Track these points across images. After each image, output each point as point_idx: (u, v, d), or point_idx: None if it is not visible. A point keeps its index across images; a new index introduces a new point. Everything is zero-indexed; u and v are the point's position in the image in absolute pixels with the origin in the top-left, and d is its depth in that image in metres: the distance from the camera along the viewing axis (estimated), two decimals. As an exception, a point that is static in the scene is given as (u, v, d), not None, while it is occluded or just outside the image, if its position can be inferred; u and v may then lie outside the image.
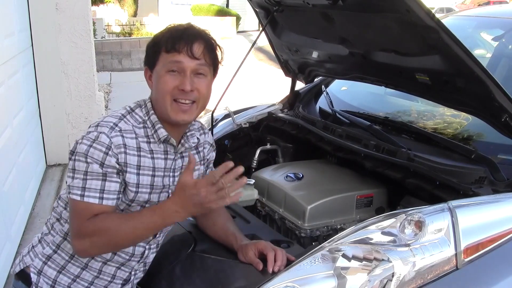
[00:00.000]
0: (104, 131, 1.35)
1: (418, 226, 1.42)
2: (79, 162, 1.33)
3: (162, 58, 1.41)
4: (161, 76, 1.41)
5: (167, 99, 1.41)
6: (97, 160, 1.33)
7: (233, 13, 17.66)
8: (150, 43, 1.46)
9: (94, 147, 1.33)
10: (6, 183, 2.95)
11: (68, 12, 4.25)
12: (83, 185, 1.32)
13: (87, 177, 1.33)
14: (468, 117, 2.08)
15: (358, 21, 1.87)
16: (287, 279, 1.40)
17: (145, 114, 1.44)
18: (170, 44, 1.39)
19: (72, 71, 4.39)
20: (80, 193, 1.32)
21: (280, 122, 2.52)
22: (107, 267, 1.48)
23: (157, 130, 1.43)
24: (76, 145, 1.35)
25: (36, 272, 1.46)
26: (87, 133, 1.36)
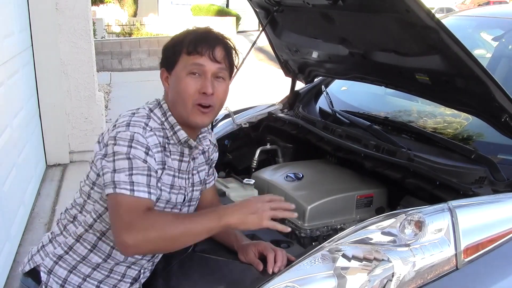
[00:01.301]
0: (139, 132, 1.33)
1: (418, 226, 1.43)
2: (121, 161, 1.29)
3: (183, 60, 1.40)
4: (182, 79, 1.40)
5: (189, 102, 1.40)
6: (139, 158, 1.31)
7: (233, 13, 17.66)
8: (169, 44, 1.45)
9: (135, 147, 1.31)
10: (6, 183, 2.95)
11: (68, 12, 4.25)
12: (129, 180, 1.29)
13: (132, 172, 1.29)
14: (468, 117, 2.08)
15: (358, 21, 1.87)
16: (287, 279, 1.40)
17: (163, 115, 1.44)
18: (192, 46, 1.39)
19: (72, 71, 4.39)
20: (130, 188, 1.28)
21: (280, 122, 2.52)
22: (118, 267, 1.49)
23: (177, 132, 1.43)
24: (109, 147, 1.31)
25: (47, 272, 1.46)
26: (116, 134, 1.32)
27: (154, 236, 1.26)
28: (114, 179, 1.29)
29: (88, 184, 1.45)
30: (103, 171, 1.32)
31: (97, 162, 1.37)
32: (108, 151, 1.32)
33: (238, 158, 2.28)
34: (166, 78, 1.45)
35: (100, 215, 1.43)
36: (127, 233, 1.23)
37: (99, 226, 1.44)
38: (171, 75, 1.43)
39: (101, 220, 1.43)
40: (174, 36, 1.46)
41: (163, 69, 1.46)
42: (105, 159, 1.33)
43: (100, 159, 1.35)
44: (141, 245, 1.25)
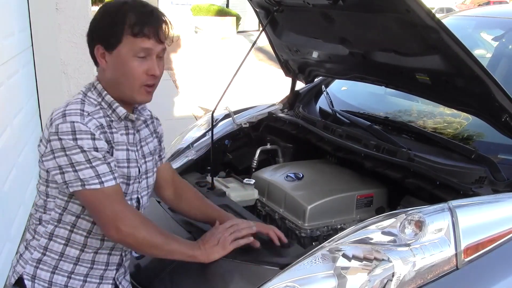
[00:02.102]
0: (77, 120, 1.32)
1: (418, 226, 1.43)
2: (75, 155, 1.30)
3: (128, 42, 1.36)
4: (128, 61, 1.37)
5: (136, 83, 1.40)
6: (90, 147, 1.31)
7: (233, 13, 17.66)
8: (105, 20, 1.38)
9: (80, 138, 1.30)
10: (6, 183, 2.95)
11: (68, 12, 4.25)
12: (95, 173, 1.32)
13: (93, 164, 1.31)
14: (468, 117, 2.08)
15: (358, 21, 1.87)
16: (287, 279, 1.40)
17: (98, 95, 1.43)
18: (138, 28, 1.35)
19: (72, 71, 4.38)
20: (98, 181, 1.32)
21: (280, 122, 2.52)
22: (99, 256, 1.48)
23: (115, 109, 1.43)
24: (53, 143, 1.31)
25: (30, 278, 1.44)
26: (56, 128, 1.31)
27: (143, 236, 1.39)
28: (79, 176, 1.31)
29: (42, 183, 1.44)
30: (60, 169, 1.33)
31: (48, 162, 1.35)
32: (54, 147, 1.32)
33: (238, 158, 2.28)
34: (102, 55, 1.40)
35: (64, 208, 1.42)
36: (120, 224, 1.35)
37: (66, 218, 1.43)
38: (111, 54, 1.38)
39: (67, 212, 1.42)
40: (108, 11, 1.39)
41: (99, 46, 1.39)
42: (55, 156, 1.32)
43: (50, 158, 1.34)
44: (131, 236, 1.38)
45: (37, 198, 1.48)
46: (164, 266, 1.69)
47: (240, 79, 2.74)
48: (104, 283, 1.51)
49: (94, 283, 1.49)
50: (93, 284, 1.49)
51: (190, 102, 7.34)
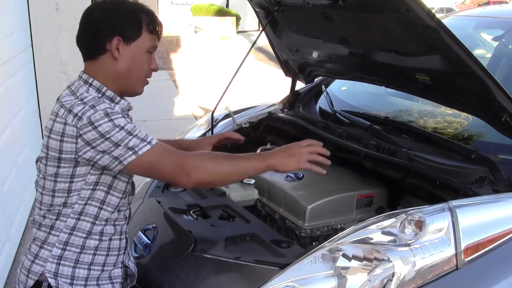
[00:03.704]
0: (106, 106, 1.37)
1: (418, 226, 1.43)
2: (117, 134, 1.34)
3: (146, 37, 1.47)
4: (142, 55, 1.48)
5: (142, 76, 1.51)
6: (126, 123, 1.37)
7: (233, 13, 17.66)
8: (124, 15, 1.45)
9: (115, 118, 1.35)
10: (6, 183, 2.95)
11: (68, 12, 4.24)
12: (140, 139, 1.36)
13: (135, 133, 1.36)
14: (468, 117, 2.08)
15: (358, 21, 1.87)
16: (288, 279, 1.41)
17: (97, 92, 1.45)
18: (153, 26, 1.47)
19: (72, 71, 4.38)
20: (147, 142, 1.37)
21: (280, 122, 2.52)
22: (113, 242, 1.51)
23: (118, 102, 1.49)
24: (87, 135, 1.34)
25: (53, 276, 1.44)
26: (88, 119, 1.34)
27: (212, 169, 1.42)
28: (128, 146, 1.35)
29: (62, 181, 1.43)
30: (104, 152, 1.35)
31: (87, 153, 1.36)
32: (90, 137, 1.34)
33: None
34: (117, 46, 1.44)
35: (88, 198, 1.44)
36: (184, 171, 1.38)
37: (89, 209, 1.44)
38: (128, 45, 1.45)
39: (90, 204, 1.44)
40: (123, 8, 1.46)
41: (117, 37, 1.43)
42: (94, 145, 1.35)
43: (87, 149, 1.35)
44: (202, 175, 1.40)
45: (48, 199, 1.46)
46: (164, 265, 1.69)
47: (240, 79, 2.74)
48: (115, 269, 1.53)
49: (108, 270, 1.51)
50: (107, 271, 1.51)
51: (190, 102, 7.34)
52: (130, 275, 1.61)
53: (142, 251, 1.80)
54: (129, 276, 1.61)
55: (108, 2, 1.50)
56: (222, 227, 1.83)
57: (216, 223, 1.86)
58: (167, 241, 1.82)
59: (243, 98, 5.67)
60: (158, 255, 1.76)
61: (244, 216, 1.91)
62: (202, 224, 1.86)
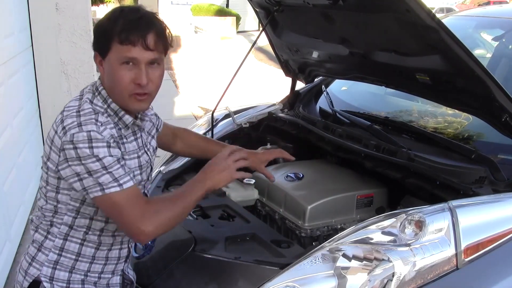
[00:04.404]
0: (93, 129, 1.31)
1: (418, 226, 1.43)
2: (91, 164, 1.30)
3: (116, 49, 1.35)
4: (116, 69, 1.36)
5: (125, 92, 1.39)
6: (106, 155, 1.31)
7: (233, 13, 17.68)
8: (99, 28, 1.38)
9: (96, 146, 1.30)
10: (6, 183, 2.95)
11: (68, 12, 4.25)
12: (113, 177, 1.31)
13: (110, 170, 1.31)
14: (468, 117, 2.08)
15: (358, 21, 1.87)
16: (288, 279, 1.40)
17: (103, 102, 1.41)
18: (124, 35, 1.33)
19: (72, 71, 4.38)
20: (117, 184, 1.32)
21: (281, 122, 2.52)
22: (112, 252, 1.51)
23: (122, 117, 1.43)
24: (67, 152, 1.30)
25: (48, 280, 1.44)
26: (71, 137, 1.30)
27: (165, 217, 1.37)
28: (98, 181, 1.30)
29: (51, 190, 1.42)
30: (78, 176, 1.32)
31: (64, 170, 1.34)
32: (69, 155, 1.31)
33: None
34: (100, 62, 1.40)
35: (77, 211, 1.42)
36: (144, 224, 1.33)
37: (80, 222, 1.43)
38: (104, 60, 1.39)
39: (81, 216, 1.43)
40: (105, 18, 1.39)
41: (96, 53, 1.40)
42: (70, 164, 1.31)
43: (65, 166, 1.33)
44: (158, 229, 1.36)
45: (43, 202, 1.46)
46: (164, 265, 1.69)
47: (240, 79, 2.74)
48: (114, 276, 1.53)
49: (106, 278, 1.51)
50: (105, 279, 1.51)
51: (190, 102, 7.34)
52: (129, 283, 1.61)
53: (142, 251, 1.80)
54: (128, 283, 1.60)
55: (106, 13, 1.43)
56: (222, 227, 1.83)
57: (216, 223, 1.86)
58: (167, 241, 1.82)
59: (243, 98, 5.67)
60: (158, 255, 1.76)
61: (244, 216, 1.91)
62: (202, 224, 1.86)
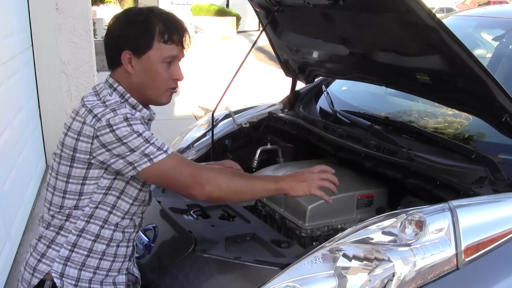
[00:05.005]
0: (127, 112, 1.37)
1: (418, 226, 1.43)
2: (134, 140, 1.34)
3: (158, 48, 1.43)
4: (156, 66, 1.44)
5: (162, 87, 1.48)
6: (144, 129, 1.37)
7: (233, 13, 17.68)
8: (134, 27, 1.42)
9: (134, 123, 1.35)
10: (6, 183, 2.95)
11: (68, 12, 4.25)
12: (156, 147, 1.37)
13: (152, 141, 1.37)
14: (468, 117, 2.08)
15: (358, 21, 1.87)
16: (288, 279, 1.40)
17: (120, 97, 1.45)
18: (168, 35, 1.43)
19: (72, 71, 4.39)
20: (163, 151, 1.37)
21: (281, 122, 2.52)
22: (120, 249, 1.52)
23: (140, 111, 1.48)
24: (104, 137, 1.34)
25: (59, 276, 1.45)
26: (107, 121, 1.34)
27: (224, 183, 1.42)
28: (144, 153, 1.35)
29: (76, 183, 1.43)
30: (120, 156, 1.35)
31: (102, 155, 1.36)
32: (107, 139, 1.34)
33: (238, 158, 2.27)
34: (129, 60, 1.44)
35: (99, 202, 1.44)
36: (198, 183, 1.39)
37: (99, 213, 1.45)
38: (140, 58, 1.43)
39: (100, 208, 1.45)
40: (135, 18, 1.44)
41: (127, 51, 1.43)
42: (109, 148, 1.35)
43: (102, 151, 1.36)
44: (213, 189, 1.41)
45: (59, 200, 1.45)
46: (164, 265, 1.69)
47: (240, 79, 2.74)
48: (120, 275, 1.54)
49: (112, 276, 1.52)
50: (112, 277, 1.52)
51: (190, 102, 7.34)
52: (134, 282, 1.61)
53: (143, 251, 1.80)
54: (133, 283, 1.61)
55: (124, 13, 1.48)
56: (222, 227, 1.83)
57: (216, 223, 1.86)
58: (167, 241, 1.82)
59: (243, 98, 5.67)
60: (158, 255, 1.76)
61: (244, 216, 1.91)
62: (202, 224, 1.86)
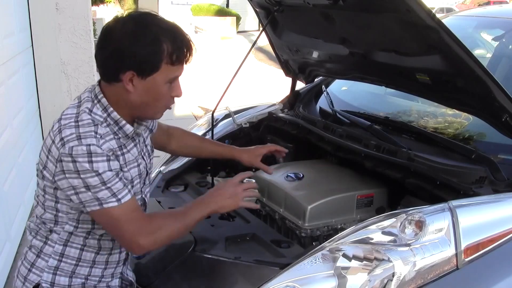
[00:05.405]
0: (92, 143, 1.29)
1: (418, 226, 1.43)
2: (90, 178, 1.28)
3: (165, 70, 1.35)
4: (161, 87, 1.37)
5: (161, 105, 1.43)
6: (105, 169, 1.30)
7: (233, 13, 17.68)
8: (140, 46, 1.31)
9: (95, 161, 1.28)
10: (6, 183, 2.95)
11: (68, 12, 4.25)
12: (111, 192, 1.31)
13: (109, 185, 1.31)
14: (468, 117, 2.08)
15: (358, 21, 1.87)
16: (288, 279, 1.40)
17: (103, 111, 1.38)
18: (176, 56, 1.35)
19: (72, 71, 4.38)
20: (116, 199, 1.32)
21: (281, 122, 2.52)
22: (112, 256, 1.51)
23: (123, 127, 1.40)
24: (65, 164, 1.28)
25: (49, 285, 1.44)
26: (70, 150, 1.28)
27: (163, 236, 1.40)
28: (96, 196, 1.30)
29: (50, 199, 1.41)
30: (74, 189, 1.31)
31: (61, 181, 1.32)
32: (66, 167, 1.29)
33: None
34: (130, 80, 1.34)
35: (77, 220, 1.42)
36: (141, 238, 1.36)
37: (81, 229, 1.43)
38: (144, 80, 1.34)
39: (82, 223, 1.42)
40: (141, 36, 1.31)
41: (132, 72, 1.32)
42: (67, 176, 1.30)
43: (62, 177, 1.32)
44: (155, 243, 1.40)
45: (41, 211, 1.44)
46: (164, 265, 1.69)
47: (240, 79, 2.74)
48: (113, 279, 1.54)
49: (106, 281, 1.51)
50: (105, 282, 1.51)
51: (190, 102, 7.34)
52: (128, 284, 1.61)
53: (142, 251, 1.80)
54: (128, 285, 1.61)
55: (130, 23, 1.34)
56: (222, 227, 1.83)
57: (216, 223, 1.86)
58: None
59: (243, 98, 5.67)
60: (158, 255, 1.76)
61: (244, 216, 1.91)
62: (202, 224, 1.85)
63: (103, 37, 1.36)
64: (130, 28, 1.33)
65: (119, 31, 1.33)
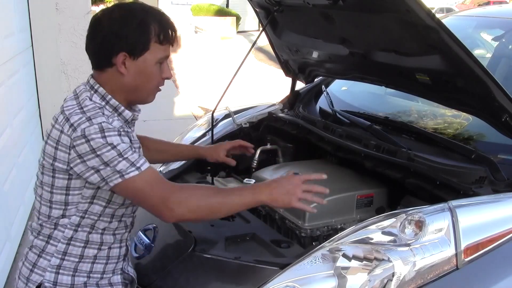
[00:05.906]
0: (103, 120, 1.33)
1: (418, 226, 1.43)
2: (107, 153, 1.30)
3: (154, 49, 1.41)
4: (151, 67, 1.42)
5: (153, 86, 1.47)
6: (119, 142, 1.33)
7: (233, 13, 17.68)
8: (130, 28, 1.37)
9: (108, 135, 1.31)
10: (6, 183, 2.95)
11: (68, 12, 4.25)
12: (130, 162, 1.33)
13: (126, 156, 1.32)
14: (468, 117, 2.08)
15: (358, 21, 1.87)
16: (288, 279, 1.41)
17: (101, 100, 1.42)
18: (164, 36, 1.41)
19: (72, 71, 4.38)
20: (135, 167, 1.33)
21: (280, 122, 2.52)
22: (113, 251, 1.51)
23: (122, 113, 1.45)
24: (79, 147, 1.31)
25: (52, 285, 1.45)
26: (82, 131, 1.30)
27: (196, 205, 1.38)
28: (115, 169, 1.32)
29: (58, 193, 1.41)
30: (94, 169, 1.32)
31: (78, 166, 1.33)
32: (82, 150, 1.31)
33: (238, 158, 2.27)
34: (123, 62, 1.40)
35: (85, 211, 1.43)
36: (169, 203, 1.34)
37: (86, 222, 1.44)
38: (135, 60, 1.40)
39: (88, 216, 1.43)
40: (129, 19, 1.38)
41: (124, 54, 1.38)
42: (84, 159, 1.32)
43: (78, 162, 1.33)
44: (188, 212, 1.37)
45: (46, 209, 1.44)
46: (164, 265, 1.69)
47: (240, 79, 2.74)
48: (115, 275, 1.54)
49: (107, 277, 1.51)
50: (107, 278, 1.51)
51: (190, 102, 7.34)
52: (131, 281, 1.61)
53: (142, 251, 1.81)
54: (130, 282, 1.61)
55: (116, 10, 1.42)
56: (222, 227, 1.83)
57: (216, 223, 1.86)
58: (167, 241, 1.82)
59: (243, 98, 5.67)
60: (158, 255, 1.76)
61: (244, 216, 1.91)
62: (202, 224, 1.86)
63: (93, 27, 1.44)
64: (118, 14, 1.41)
65: (107, 19, 1.41)
